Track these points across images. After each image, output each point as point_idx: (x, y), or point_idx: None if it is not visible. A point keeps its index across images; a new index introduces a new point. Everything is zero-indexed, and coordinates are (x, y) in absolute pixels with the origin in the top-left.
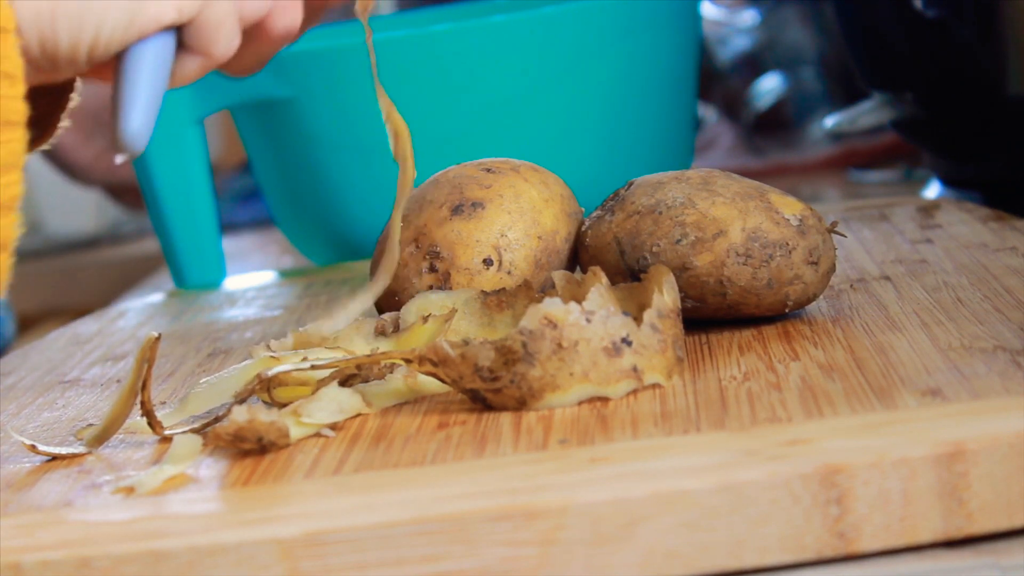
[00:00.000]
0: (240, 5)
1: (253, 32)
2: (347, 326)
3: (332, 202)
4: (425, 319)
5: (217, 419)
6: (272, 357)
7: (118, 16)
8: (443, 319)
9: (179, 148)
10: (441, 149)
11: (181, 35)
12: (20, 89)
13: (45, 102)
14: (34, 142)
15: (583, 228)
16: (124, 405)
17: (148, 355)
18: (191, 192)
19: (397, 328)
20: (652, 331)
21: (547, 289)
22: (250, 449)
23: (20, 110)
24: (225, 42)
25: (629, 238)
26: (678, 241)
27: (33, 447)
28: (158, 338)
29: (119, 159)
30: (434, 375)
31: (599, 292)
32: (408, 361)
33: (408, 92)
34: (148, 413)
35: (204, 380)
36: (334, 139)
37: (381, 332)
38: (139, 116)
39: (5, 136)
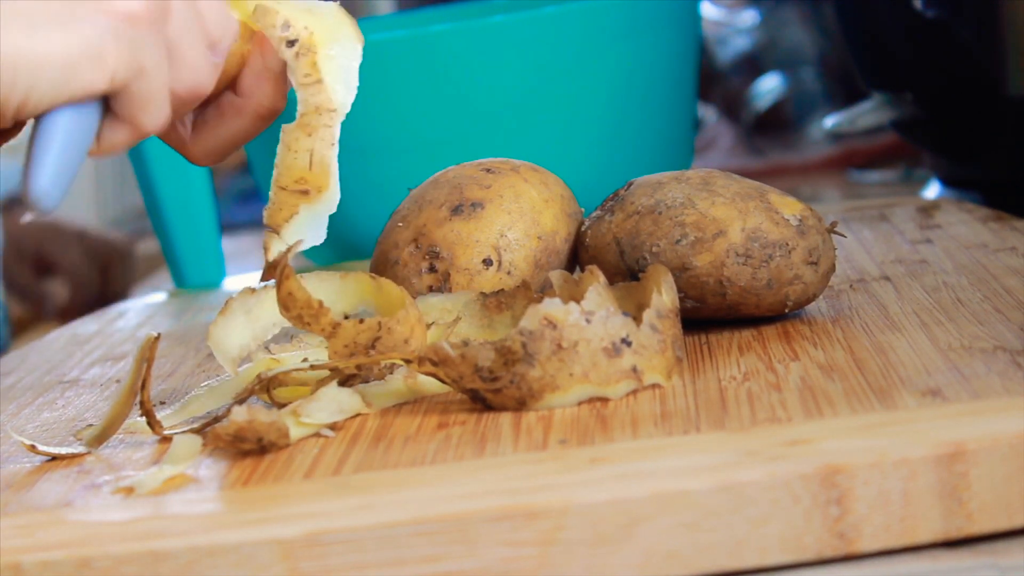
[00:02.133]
0: (174, 78)
1: (231, 107)
2: None
3: None
4: (428, 327)
5: (217, 419)
6: (272, 358)
7: (52, 78)
8: (446, 327)
9: None
10: (441, 149)
11: (110, 103)
12: None
13: None
14: None
15: (583, 228)
16: (124, 405)
17: (147, 355)
18: (191, 192)
19: None
20: (651, 331)
21: (546, 289)
22: (250, 449)
23: None
24: (154, 114)
25: (629, 238)
26: (678, 241)
27: (33, 447)
28: (157, 338)
29: (27, 217)
30: (434, 375)
31: (597, 291)
32: (408, 362)
33: (408, 92)
34: (148, 413)
35: (205, 383)
36: None
37: None
38: (49, 176)
39: None
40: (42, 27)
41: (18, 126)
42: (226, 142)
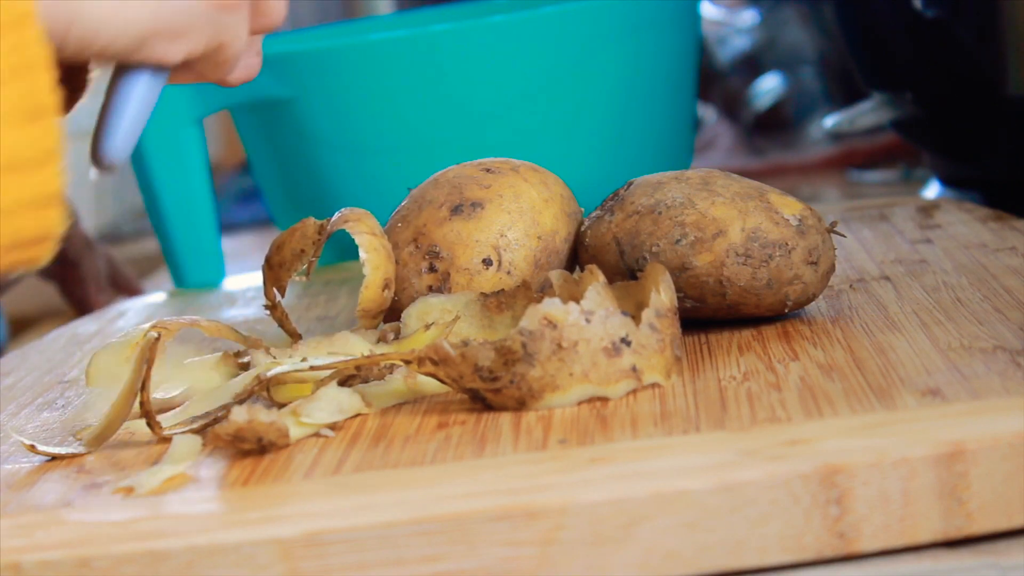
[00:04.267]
0: (255, 25)
1: None
2: (348, 331)
3: (331, 202)
4: (428, 327)
5: (216, 420)
6: (273, 362)
7: (127, 44)
8: (445, 326)
9: (179, 148)
10: (441, 149)
11: (196, 64)
12: (50, 77)
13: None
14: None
15: (582, 228)
16: (123, 405)
17: (148, 355)
18: (191, 192)
19: (398, 335)
20: (651, 331)
21: (545, 289)
22: (250, 449)
23: (52, 98)
24: (220, 75)
25: (628, 238)
26: (678, 241)
27: (32, 447)
28: (158, 339)
29: (93, 173)
30: (434, 375)
31: (597, 290)
32: (407, 362)
33: (408, 92)
34: (147, 413)
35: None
36: (333, 139)
37: (383, 340)
38: (121, 137)
39: (40, 125)
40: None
41: (83, 87)
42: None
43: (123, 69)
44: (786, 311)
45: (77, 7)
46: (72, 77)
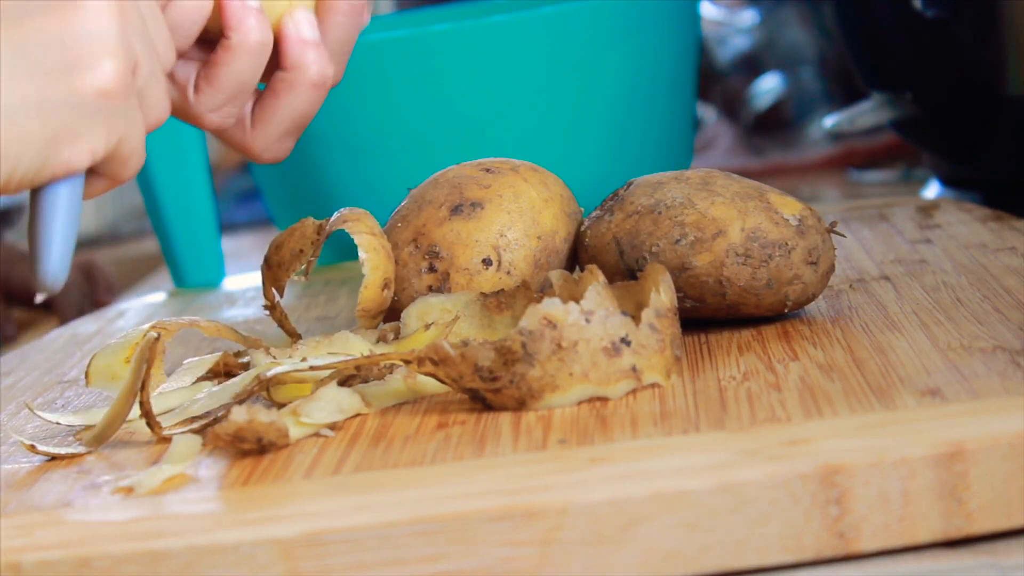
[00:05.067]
0: (146, 122)
1: (267, 103)
2: (348, 331)
3: (331, 201)
4: (428, 327)
5: (216, 420)
6: (273, 362)
7: (32, 160)
8: (444, 326)
9: (179, 148)
10: (441, 149)
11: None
12: None
13: None
14: None
15: (582, 228)
16: (123, 405)
17: (148, 356)
18: (190, 192)
19: (398, 335)
20: (650, 331)
21: (545, 289)
22: (250, 449)
23: None
24: (134, 167)
25: (628, 238)
26: (677, 241)
27: (32, 447)
28: (158, 339)
29: (39, 298)
30: (434, 375)
31: (596, 290)
32: (407, 362)
33: (408, 92)
34: (147, 413)
35: (204, 390)
36: (333, 138)
37: (382, 340)
38: (57, 256)
39: None
40: (18, 113)
41: None
42: (286, 125)
43: (38, 191)
44: (786, 311)
45: None
46: None
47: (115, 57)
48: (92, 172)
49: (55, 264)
